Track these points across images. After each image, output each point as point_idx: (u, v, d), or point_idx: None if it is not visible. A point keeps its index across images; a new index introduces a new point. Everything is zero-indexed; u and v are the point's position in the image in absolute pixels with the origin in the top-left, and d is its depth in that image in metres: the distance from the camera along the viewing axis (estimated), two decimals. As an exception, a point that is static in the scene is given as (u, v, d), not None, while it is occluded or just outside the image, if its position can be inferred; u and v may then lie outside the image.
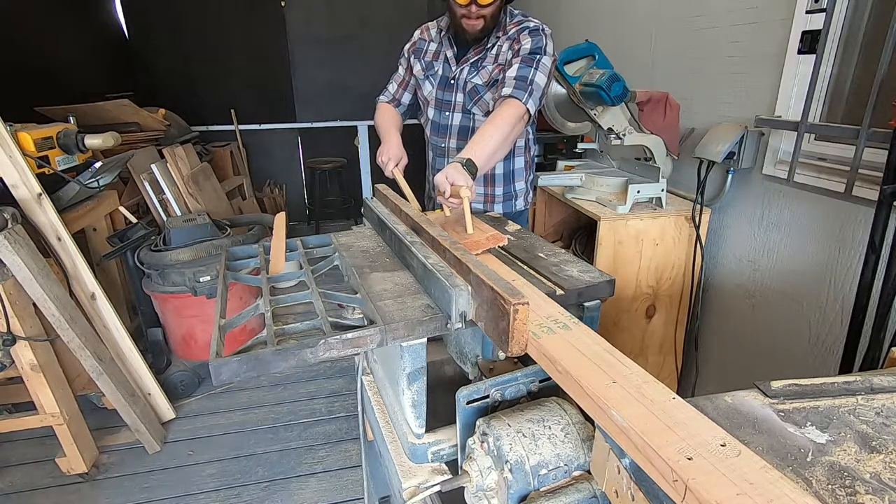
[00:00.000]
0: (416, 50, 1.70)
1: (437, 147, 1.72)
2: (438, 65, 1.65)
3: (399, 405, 0.89)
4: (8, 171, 1.77)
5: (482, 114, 1.61)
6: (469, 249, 0.91)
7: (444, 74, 1.64)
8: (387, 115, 1.74)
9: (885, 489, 0.48)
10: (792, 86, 1.53)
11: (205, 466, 2.03)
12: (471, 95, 1.61)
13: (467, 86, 1.60)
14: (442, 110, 1.67)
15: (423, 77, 1.68)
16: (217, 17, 4.34)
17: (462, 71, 1.60)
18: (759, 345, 1.75)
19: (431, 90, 1.67)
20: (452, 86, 1.63)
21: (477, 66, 1.59)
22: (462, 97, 1.62)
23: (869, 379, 0.65)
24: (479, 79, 1.58)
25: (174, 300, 2.34)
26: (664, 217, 1.74)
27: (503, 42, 1.55)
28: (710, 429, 0.51)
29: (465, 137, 1.65)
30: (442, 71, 1.64)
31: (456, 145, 1.68)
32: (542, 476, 0.66)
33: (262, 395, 2.48)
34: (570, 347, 0.67)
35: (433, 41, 1.68)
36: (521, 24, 1.55)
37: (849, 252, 1.41)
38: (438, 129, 1.69)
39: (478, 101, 1.60)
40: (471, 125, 1.65)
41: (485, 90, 1.58)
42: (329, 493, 1.89)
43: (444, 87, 1.65)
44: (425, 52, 1.68)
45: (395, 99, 1.77)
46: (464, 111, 1.63)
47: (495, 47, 1.56)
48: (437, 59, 1.65)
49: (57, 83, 3.14)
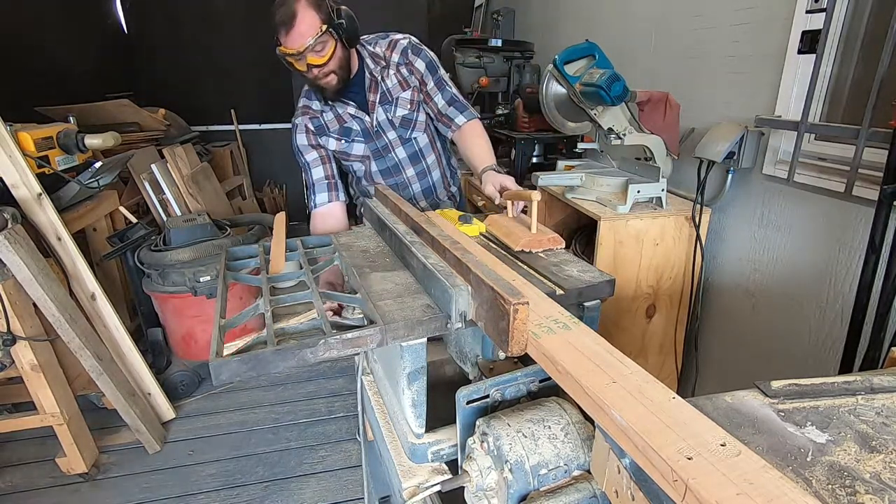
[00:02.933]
0: (317, 129, 1.61)
1: (391, 184, 1.71)
2: (351, 124, 1.62)
3: (399, 405, 0.89)
4: (8, 171, 1.77)
5: (421, 132, 1.68)
6: (531, 247, 1.10)
7: (363, 128, 1.62)
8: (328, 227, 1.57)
9: (885, 489, 0.48)
10: (792, 86, 1.53)
11: (205, 466, 2.03)
12: (404, 127, 1.65)
13: (395, 122, 1.63)
14: (384, 157, 1.68)
15: (346, 144, 1.64)
16: (217, 17, 4.34)
17: (378, 113, 1.61)
18: (759, 345, 1.75)
19: (363, 147, 1.65)
20: (378, 132, 1.64)
21: (389, 102, 1.61)
22: (395, 133, 1.65)
23: (869, 379, 0.65)
24: (402, 109, 1.62)
25: (174, 300, 2.34)
26: (664, 217, 1.74)
27: (394, 69, 1.60)
28: (710, 429, 0.51)
29: (417, 160, 1.72)
30: (358, 126, 1.62)
31: (414, 172, 1.74)
32: (542, 476, 0.66)
33: (262, 395, 2.48)
34: (570, 347, 0.67)
35: (325, 112, 1.62)
36: (395, 45, 1.61)
37: (849, 252, 1.41)
38: (389, 171, 1.71)
39: (414, 127, 1.66)
40: (416, 148, 1.70)
41: (414, 114, 1.64)
42: (329, 493, 1.90)
43: (371, 138, 1.64)
44: (326, 125, 1.62)
45: (329, 180, 1.61)
46: (404, 142, 1.67)
47: (390, 76, 1.59)
48: (345, 121, 1.62)
49: (57, 83, 3.14)
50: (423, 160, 1.73)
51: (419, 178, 1.75)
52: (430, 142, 1.73)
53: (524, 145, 2.70)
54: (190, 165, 3.19)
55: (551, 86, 1.74)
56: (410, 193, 1.76)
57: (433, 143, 1.74)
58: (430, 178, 1.78)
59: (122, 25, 4.16)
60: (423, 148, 1.71)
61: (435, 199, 1.81)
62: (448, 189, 1.85)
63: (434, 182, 1.79)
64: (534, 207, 1.15)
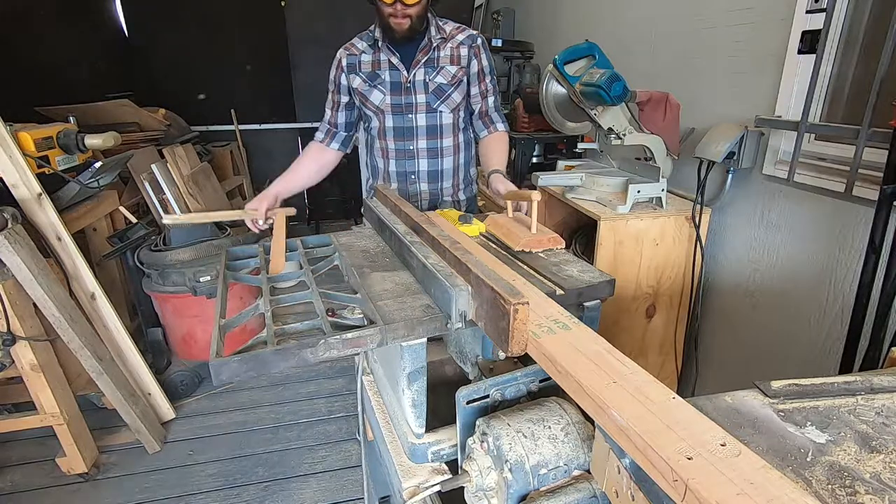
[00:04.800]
0: (348, 67, 1.67)
1: (400, 150, 1.72)
2: (384, 73, 1.64)
3: (399, 405, 0.89)
4: (8, 171, 1.77)
5: (449, 111, 1.69)
6: (531, 247, 1.12)
7: (393, 81, 1.64)
8: (302, 163, 1.76)
9: (885, 489, 0.48)
10: (792, 86, 1.53)
11: (205, 466, 2.03)
12: (436, 95, 1.66)
13: (429, 86, 1.64)
14: (403, 114, 1.68)
15: (367, 88, 1.67)
16: (217, 17, 4.33)
17: (417, 73, 1.63)
18: (759, 345, 1.75)
19: (384, 97, 1.66)
20: (409, 89, 1.65)
21: (433, 67, 1.64)
22: (424, 97, 1.66)
23: (869, 379, 0.65)
24: (442, 78, 1.65)
25: (174, 300, 2.34)
26: (664, 217, 1.74)
27: (453, 45, 1.64)
28: (710, 429, 0.51)
29: (434, 135, 1.71)
30: (390, 77, 1.64)
31: (426, 146, 1.72)
32: (541, 475, 0.66)
33: (262, 395, 2.48)
34: (570, 347, 0.67)
35: (365, 53, 1.66)
36: (466, 30, 1.68)
37: (849, 252, 1.41)
38: (403, 133, 1.70)
39: (445, 100, 1.67)
40: (437, 123, 1.70)
41: (450, 89, 1.66)
42: (329, 493, 1.89)
43: (400, 92, 1.65)
44: (359, 65, 1.66)
45: (330, 125, 1.76)
46: (429, 111, 1.67)
47: (446, 48, 1.64)
48: (380, 67, 1.65)
49: (57, 83, 3.14)
50: (440, 138, 1.71)
51: (429, 155, 1.73)
52: (454, 127, 1.72)
53: (524, 145, 2.71)
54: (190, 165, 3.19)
55: (551, 86, 1.74)
56: (415, 168, 1.74)
57: (455, 131, 1.73)
58: (440, 163, 1.75)
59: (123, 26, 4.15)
60: (444, 126, 1.70)
61: (438, 192, 1.78)
62: (455, 193, 1.81)
63: (443, 169, 1.76)
64: (534, 208, 1.15)
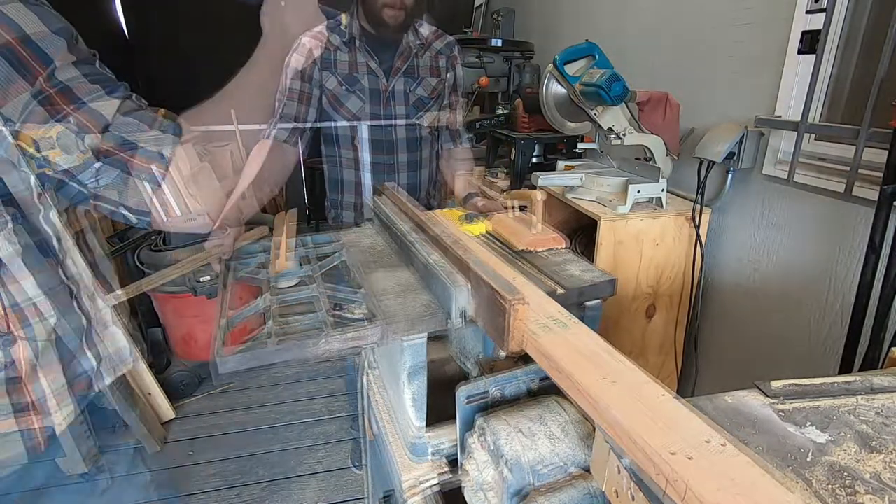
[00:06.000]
0: (323, 62, 1.48)
1: (378, 164, 1.62)
2: (362, 77, 1.51)
3: (400, 402, 0.89)
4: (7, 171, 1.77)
5: (427, 123, 1.60)
6: (534, 247, 1.12)
7: (372, 88, 1.52)
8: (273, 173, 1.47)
9: (885, 489, 0.48)
10: (792, 86, 1.53)
11: (205, 466, 2.03)
12: (416, 107, 1.57)
13: (410, 98, 1.54)
14: (382, 126, 1.57)
15: (343, 92, 1.51)
16: (218, 17, 4.33)
17: (397, 83, 1.53)
18: (759, 345, 1.75)
19: (363, 105, 1.53)
20: (388, 99, 1.54)
21: (413, 77, 1.53)
22: (405, 109, 1.55)
23: (869, 379, 0.65)
24: (423, 90, 1.56)
25: (174, 300, 2.34)
26: (664, 217, 1.74)
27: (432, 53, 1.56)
28: (710, 429, 0.51)
29: (414, 150, 1.63)
30: (368, 84, 1.51)
31: (406, 159, 1.63)
32: (539, 473, 0.66)
33: (262, 395, 2.48)
34: (568, 346, 0.67)
35: (340, 50, 1.49)
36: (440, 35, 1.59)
37: (849, 252, 1.41)
38: (383, 146, 1.59)
39: (425, 113, 1.59)
40: (417, 135, 1.61)
41: (430, 102, 1.58)
42: (329, 493, 1.90)
43: (379, 101, 1.54)
44: (334, 63, 1.49)
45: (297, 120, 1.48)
46: (408, 123, 1.58)
47: (425, 57, 1.55)
48: (357, 70, 1.50)
49: (57, 83, 3.14)
50: (420, 151, 1.66)
51: (409, 168, 1.66)
52: (430, 139, 1.70)
53: (524, 145, 2.70)
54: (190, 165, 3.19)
55: (551, 86, 1.74)
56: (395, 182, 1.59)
57: (431, 143, 1.71)
58: (419, 176, 1.70)
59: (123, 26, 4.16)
60: (423, 139, 1.65)
61: None
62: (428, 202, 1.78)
63: (421, 181, 1.73)
64: (539, 207, 1.15)
